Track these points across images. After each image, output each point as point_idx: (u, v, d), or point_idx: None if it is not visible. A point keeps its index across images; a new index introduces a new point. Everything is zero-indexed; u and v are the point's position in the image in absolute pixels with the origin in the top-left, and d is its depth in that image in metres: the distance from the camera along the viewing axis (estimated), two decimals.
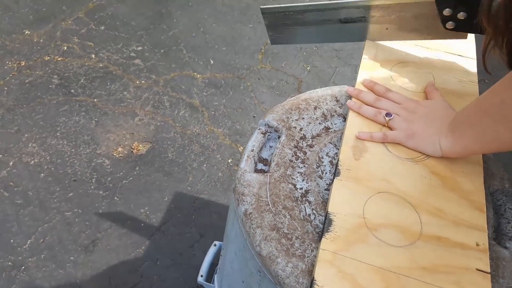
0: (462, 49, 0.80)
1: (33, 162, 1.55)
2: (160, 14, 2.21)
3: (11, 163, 1.54)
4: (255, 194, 0.60)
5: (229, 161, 1.63)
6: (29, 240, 1.36)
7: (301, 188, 0.62)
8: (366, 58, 0.76)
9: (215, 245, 1.11)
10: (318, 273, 0.49)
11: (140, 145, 1.64)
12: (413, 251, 0.50)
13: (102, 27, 2.08)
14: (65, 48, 1.96)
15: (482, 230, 0.53)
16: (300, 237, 0.55)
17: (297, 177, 0.63)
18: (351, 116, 0.66)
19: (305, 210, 0.59)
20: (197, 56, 2.02)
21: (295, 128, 0.70)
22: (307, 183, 0.63)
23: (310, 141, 0.69)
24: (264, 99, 1.88)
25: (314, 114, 0.73)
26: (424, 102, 0.67)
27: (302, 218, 0.58)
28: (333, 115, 0.74)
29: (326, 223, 0.53)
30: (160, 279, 1.32)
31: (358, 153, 0.61)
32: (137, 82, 1.87)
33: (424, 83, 0.72)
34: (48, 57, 1.91)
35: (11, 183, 1.48)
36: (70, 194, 1.48)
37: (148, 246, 1.38)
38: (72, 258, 1.34)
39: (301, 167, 0.65)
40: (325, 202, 0.60)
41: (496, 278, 0.52)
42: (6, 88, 1.76)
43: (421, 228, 0.53)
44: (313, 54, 2.13)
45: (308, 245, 0.55)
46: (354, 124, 0.65)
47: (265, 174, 0.63)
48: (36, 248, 1.35)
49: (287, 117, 0.71)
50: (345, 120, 0.71)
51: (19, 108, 1.70)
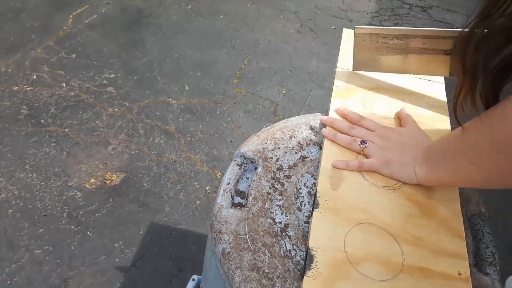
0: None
1: (0, 197, 1.48)
2: (133, 41, 2.19)
3: None
4: (233, 231, 0.58)
5: (207, 188, 1.60)
6: None
7: (280, 222, 0.60)
8: (338, 86, 0.76)
9: (193, 279, 1.07)
10: None
11: (114, 175, 1.59)
12: (397, 285, 0.49)
13: (73, 55, 2.04)
14: (35, 77, 1.91)
15: (463, 258, 0.53)
16: (281, 276, 0.53)
17: (275, 211, 0.62)
18: (326, 145, 0.66)
19: (286, 246, 0.57)
20: (171, 82, 2.00)
21: (272, 158, 0.69)
22: (286, 216, 0.61)
23: (287, 171, 0.68)
24: (241, 124, 1.86)
25: (290, 143, 0.73)
26: (398, 129, 0.67)
27: (283, 254, 0.56)
28: (309, 144, 0.73)
29: (308, 259, 0.51)
30: None
31: (336, 183, 0.60)
32: (110, 110, 1.83)
33: (396, 109, 0.73)
34: (17, 87, 1.85)
35: None
36: (40, 231, 1.40)
37: (124, 283, 1.31)
38: None
39: (279, 200, 0.63)
40: (305, 235, 0.59)
41: None
42: None
43: (403, 259, 0.52)
44: (287, 77, 2.14)
45: (290, 285, 0.53)
46: (330, 152, 0.65)
47: (243, 209, 0.61)
48: None
49: (263, 148, 0.70)
50: (320, 148, 0.71)
51: None
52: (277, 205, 0.62)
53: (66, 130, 1.72)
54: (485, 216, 0.65)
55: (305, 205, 0.63)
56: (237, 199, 0.64)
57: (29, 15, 2.23)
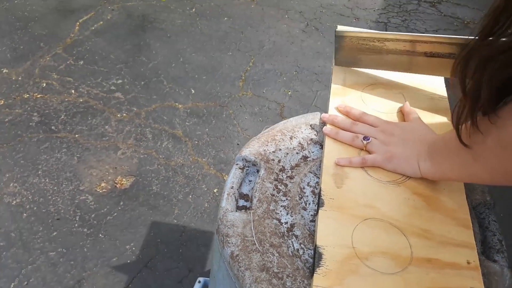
0: None
1: (15, 202, 1.52)
2: (139, 46, 2.23)
3: None
4: (239, 234, 0.59)
5: (214, 190, 1.63)
6: (12, 283, 1.32)
7: (286, 223, 0.61)
8: (336, 83, 0.76)
9: (199, 281, 1.08)
10: None
11: (124, 179, 1.62)
12: (406, 277, 0.50)
13: (81, 62, 2.08)
14: (44, 84, 1.95)
15: (471, 247, 0.53)
16: (291, 275, 0.54)
17: (281, 211, 0.62)
18: (328, 143, 0.66)
19: (293, 245, 0.58)
20: (178, 87, 2.03)
21: (273, 160, 0.70)
22: (291, 216, 0.62)
23: (290, 172, 0.68)
24: (247, 126, 1.89)
25: (291, 144, 0.73)
26: (401, 123, 0.67)
27: (291, 254, 0.57)
28: (310, 143, 0.73)
29: (316, 257, 0.52)
30: None
31: (340, 181, 0.60)
32: (118, 115, 1.86)
33: (396, 103, 0.73)
34: (28, 95, 1.90)
35: None
36: (54, 234, 1.44)
37: (135, 284, 1.35)
38: None
39: (284, 200, 0.64)
40: (312, 234, 0.59)
41: None
42: None
43: (411, 252, 0.52)
44: (293, 79, 2.16)
45: (300, 283, 0.53)
46: (331, 150, 0.65)
47: (248, 211, 0.62)
48: None
49: (264, 150, 0.71)
50: (322, 147, 0.71)
51: None
52: (282, 206, 0.63)
53: (76, 136, 1.76)
54: (490, 204, 0.65)
55: (309, 204, 0.63)
56: (242, 202, 0.65)
57: (37, 23, 2.27)
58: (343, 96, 0.74)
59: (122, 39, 2.25)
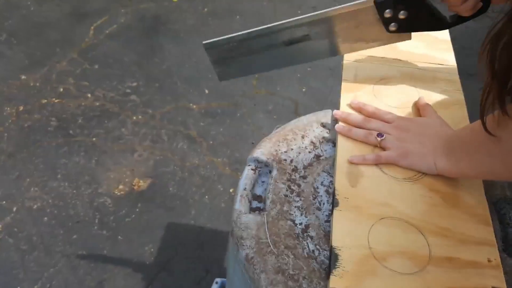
0: (442, 58, 0.80)
1: (35, 206, 1.55)
2: (152, 48, 2.24)
3: (14, 208, 1.54)
4: (254, 236, 0.58)
5: (230, 190, 1.63)
6: (35, 286, 1.35)
7: (300, 224, 0.60)
8: (346, 79, 0.75)
9: (216, 282, 1.09)
10: None
11: (141, 181, 1.64)
12: (425, 277, 0.49)
13: (96, 66, 2.11)
14: (61, 89, 1.99)
15: (491, 244, 0.52)
16: (307, 277, 0.54)
17: (295, 212, 0.62)
18: (340, 141, 0.65)
19: (308, 246, 0.58)
20: (191, 87, 2.04)
21: (286, 160, 0.69)
22: (306, 217, 0.61)
23: (303, 172, 0.68)
24: (261, 125, 1.88)
25: (303, 143, 0.72)
26: (416, 119, 0.66)
27: (306, 255, 0.56)
28: (322, 142, 0.73)
29: (332, 258, 0.51)
30: None
31: (354, 179, 0.59)
32: (134, 118, 1.88)
33: (409, 97, 0.71)
34: (45, 100, 1.93)
35: (15, 229, 1.48)
36: (74, 236, 1.47)
37: (154, 285, 1.36)
38: None
39: (298, 201, 0.64)
40: (328, 235, 0.59)
41: None
42: (6, 134, 1.78)
43: (429, 251, 0.51)
44: (307, 74, 2.15)
45: (316, 284, 0.53)
46: (345, 148, 0.64)
47: (262, 213, 0.62)
48: None
49: (276, 150, 0.70)
50: (334, 145, 0.70)
51: (19, 153, 1.71)
52: (295, 207, 0.63)
53: (94, 139, 1.78)
54: (510, 200, 0.63)
55: (324, 204, 0.63)
56: (255, 204, 0.65)
57: (53, 29, 2.31)
58: (355, 91, 0.73)
59: (135, 41, 2.27)
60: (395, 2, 0.65)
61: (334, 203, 0.57)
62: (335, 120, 0.70)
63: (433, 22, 0.67)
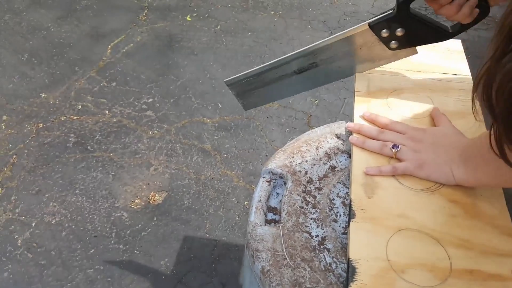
0: (456, 67, 0.79)
1: (54, 221, 1.58)
2: (168, 65, 2.29)
3: (34, 224, 1.57)
4: (270, 248, 0.58)
5: (245, 203, 1.64)
6: None
7: (317, 236, 0.60)
8: (360, 90, 0.75)
9: None
10: None
11: (157, 195, 1.66)
12: None
13: (114, 83, 2.16)
14: (80, 107, 2.04)
15: None
16: None
17: (310, 224, 0.61)
18: (355, 152, 0.65)
19: (325, 259, 0.57)
20: (205, 102, 2.07)
21: (300, 172, 0.69)
22: (322, 229, 0.61)
23: (318, 183, 0.67)
24: (274, 137, 1.90)
25: (317, 154, 0.72)
26: (430, 129, 0.65)
27: (323, 268, 0.56)
28: (337, 153, 0.72)
29: (350, 271, 0.50)
30: None
31: (370, 191, 0.59)
32: (150, 133, 1.92)
33: (424, 108, 0.71)
34: (64, 117, 1.98)
35: (34, 244, 1.51)
36: (91, 251, 1.49)
37: None
38: None
39: (313, 213, 0.63)
40: (345, 247, 0.58)
41: None
42: (26, 151, 1.82)
43: (450, 263, 0.50)
44: (320, 87, 2.16)
45: None
46: (360, 160, 0.63)
47: (277, 225, 0.61)
48: None
49: (290, 162, 0.70)
50: (349, 156, 0.70)
51: (39, 169, 1.75)
52: (311, 219, 0.62)
53: (111, 154, 1.82)
54: None
55: (340, 216, 0.62)
56: (270, 216, 0.65)
57: (72, 49, 2.38)
58: (368, 103, 0.73)
59: (151, 59, 2.32)
60: (388, 22, 0.67)
61: (350, 215, 0.56)
62: (349, 132, 0.70)
63: (433, 34, 0.69)
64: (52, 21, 2.59)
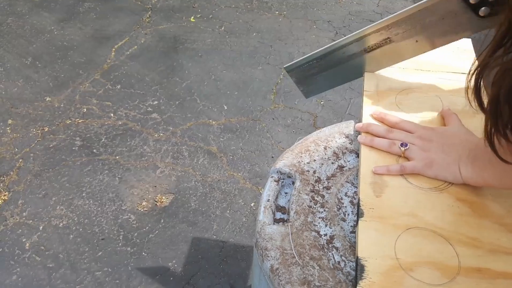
0: (465, 66, 0.79)
1: (61, 224, 1.58)
2: (172, 67, 2.29)
3: (41, 227, 1.57)
4: (278, 247, 0.58)
5: (251, 205, 1.63)
6: None
7: (325, 235, 0.60)
8: (368, 90, 0.75)
9: None
10: None
11: (163, 197, 1.66)
12: None
13: (118, 86, 2.17)
14: (85, 110, 2.04)
15: None
16: None
17: (319, 223, 0.62)
18: (364, 151, 0.65)
19: (334, 257, 0.57)
20: (211, 104, 2.07)
21: (308, 171, 0.69)
22: (330, 228, 0.61)
23: (326, 182, 0.68)
24: (280, 139, 1.89)
25: (325, 154, 0.72)
26: (439, 128, 0.65)
27: (332, 266, 0.56)
28: (345, 153, 0.73)
29: (358, 269, 0.51)
30: None
31: (379, 190, 0.59)
32: (156, 135, 1.92)
33: (433, 107, 0.70)
34: (70, 121, 1.99)
35: (42, 247, 1.51)
36: (99, 253, 1.49)
37: None
38: None
39: (322, 212, 0.63)
40: (353, 246, 0.58)
41: None
42: (32, 155, 1.83)
43: (458, 261, 0.51)
44: None
45: None
46: (368, 159, 0.64)
47: (286, 224, 0.62)
48: None
49: (298, 161, 0.71)
50: (358, 156, 0.70)
51: (46, 173, 1.76)
52: (320, 218, 0.62)
53: (117, 157, 1.82)
54: None
55: (348, 215, 0.63)
56: (279, 215, 0.65)
57: (76, 52, 2.39)
58: (377, 102, 0.73)
59: (156, 61, 2.33)
60: None
61: (359, 214, 0.57)
62: (358, 132, 0.70)
63: None
64: (55, 24, 2.60)
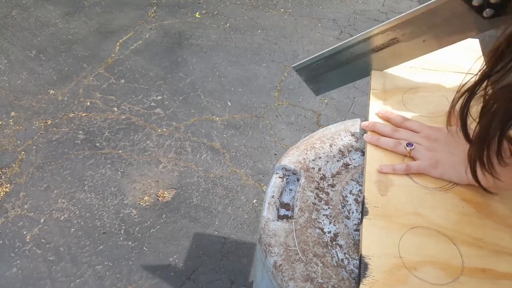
0: (472, 67, 0.78)
1: (63, 217, 1.58)
2: (176, 62, 2.29)
3: (42, 220, 1.57)
4: (282, 243, 0.58)
5: (254, 201, 1.63)
6: None
7: (329, 232, 0.60)
8: (375, 89, 0.75)
9: None
10: None
11: (166, 192, 1.66)
12: None
13: (122, 80, 2.16)
14: (88, 103, 2.04)
15: None
16: (336, 286, 0.53)
17: (323, 220, 0.62)
18: (369, 150, 0.65)
19: (337, 255, 0.57)
20: (214, 100, 2.06)
21: (313, 168, 0.69)
22: (334, 225, 0.61)
23: (331, 180, 0.68)
24: (284, 136, 1.89)
25: (331, 151, 0.72)
26: (445, 128, 0.65)
27: (335, 264, 0.56)
28: (351, 151, 0.72)
29: (362, 267, 0.51)
30: None
31: (384, 188, 0.59)
32: (159, 130, 1.91)
33: (439, 107, 0.70)
34: (73, 114, 1.99)
35: (43, 240, 1.51)
36: (100, 247, 1.49)
37: None
38: None
39: (326, 209, 0.63)
40: (357, 244, 0.58)
41: None
42: (34, 147, 1.83)
43: (462, 261, 0.51)
44: None
45: None
46: (374, 157, 0.64)
47: (290, 220, 0.62)
48: None
49: (304, 158, 0.71)
50: (363, 154, 0.70)
51: (48, 166, 1.76)
52: (324, 215, 0.62)
53: (120, 151, 1.82)
54: None
55: (353, 213, 0.63)
56: (283, 211, 0.65)
57: (80, 46, 2.39)
58: (384, 101, 0.72)
59: (160, 56, 2.32)
60: None
61: (363, 212, 0.57)
62: (364, 130, 0.70)
63: None
64: (60, 17, 2.60)
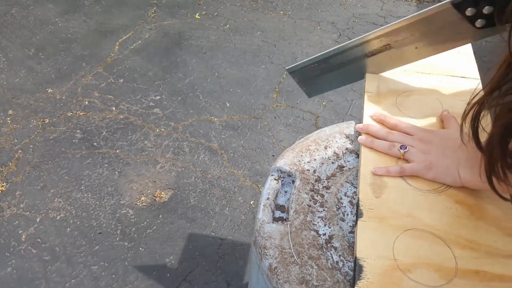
0: (465, 70, 0.80)
1: (59, 217, 1.58)
2: (176, 63, 2.29)
3: (38, 219, 1.56)
4: (277, 246, 0.58)
5: (251, 202, 1.62)
6: None
7: (324, 234, 0.60)
8: (369, 92, 0.75)
9: None
10: None
11: (163, 193, 1.65)
12: None
13: (121, 80, 2.16)
14: (87, 103, 2.03)
15: None
16: None
17: (318, 223, 0.62)
18: (364, 152, 0.65)
19: (332, 257, 0.57)
20: (213, 101, 2.06)
21: (309, 170, 0.70)
22: (329, 227, 0.61)
23: (326, 182, 0.68)
24: (282, 137, 1.88)
25: (326, 153, 0.72)
26: (439, 131, 0.66)
27: (330, 266, 0.56)
28: (345, 153, 0.73)
29: (357, 270, 0.51)
30: None
31: (378, 190, 0.59)
32: (157, 130, 1.91)
33: (433, 110, 0.71)
34: (71, 113, 1.98)
35: (39, 240, 1.50)
36: (96, 248, 1.48)
37: None
38: None
39: (321, 211, 0.64)
40: (352, 246, 0.58)
41: None
42: (31, 146, 1.82)
43: (455, 263, 0.51)
44: None
45: None
46: (368, 160, 0.64)
47: (285, 223, 0.62)
48: None
49: (299, 160, 0.71)
50: (358, 156, 0.70)
51: (45, 164, 1.75)
52: (319, 217, 0.62)
53: (117, 151, 1.81)
54: None
55: (347, 215, 0.63)
56: (278, 213, 0.65)
57: (79, 44, 2.38)
58: (378, 103, 0.73)
59: (159, 56, 2.32)
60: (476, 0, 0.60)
61: (358, 214, 0.57)
62: (358, 132, 0.70)
63: None
64: (60, 16, 2.60)
